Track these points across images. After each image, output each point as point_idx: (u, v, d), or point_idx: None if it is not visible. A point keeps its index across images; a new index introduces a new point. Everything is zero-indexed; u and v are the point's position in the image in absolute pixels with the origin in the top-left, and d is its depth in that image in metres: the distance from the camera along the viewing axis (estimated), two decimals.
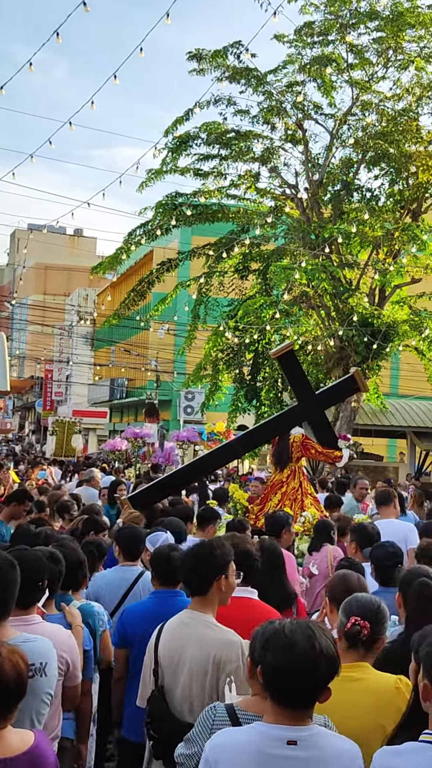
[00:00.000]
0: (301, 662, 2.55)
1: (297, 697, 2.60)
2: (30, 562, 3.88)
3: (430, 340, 20.84)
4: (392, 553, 5.20)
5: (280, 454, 9.28)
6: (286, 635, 2.60)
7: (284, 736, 2.57)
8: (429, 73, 20.71)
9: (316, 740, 2.60)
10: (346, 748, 2.69)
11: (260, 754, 2.57)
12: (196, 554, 4.01)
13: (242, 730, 2.71)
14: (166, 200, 21.85)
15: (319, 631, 2.66)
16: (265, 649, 2.62)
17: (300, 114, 20.93)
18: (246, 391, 23.31)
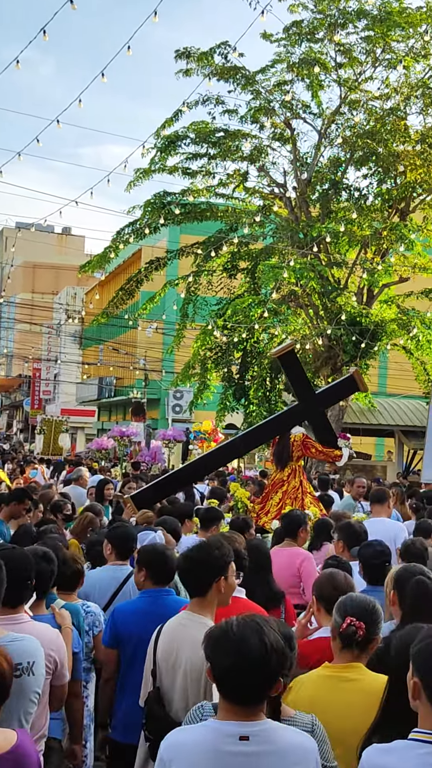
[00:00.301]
0: (252, 660, 2.56)
1: (249, 694, 2.61)
2: (17, 560, 3.87)
3: (418, 339, 20.89)
4: (380, 551, 5.21)
5: (280, 453, 9.32)
6: (234, 633, 2.61)
7: (236, 732, 2.57)
8: (417, 73, 20.76)
9: (269, 735, 2.60)
10: (300, 742, 2.70)
11: (213, 751, 2.57)
12: (194, 556, 4.00)
13: (195, 728, 2.71)
14: (155, 199, 21.82)
15: (267, 625, 2.66)
16: (215, 650, 2.63)
17: (288, 113, 20.94)
18: (234, 389, 23.31)
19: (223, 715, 2.63)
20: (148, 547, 5.16)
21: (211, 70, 19.85)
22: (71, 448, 44.23)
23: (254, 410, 22.08)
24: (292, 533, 6.69)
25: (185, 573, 4.06)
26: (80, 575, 5.25)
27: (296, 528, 6.71)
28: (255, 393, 22.28)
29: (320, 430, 9.71)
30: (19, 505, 7.98)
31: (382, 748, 2.61)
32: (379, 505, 7.99)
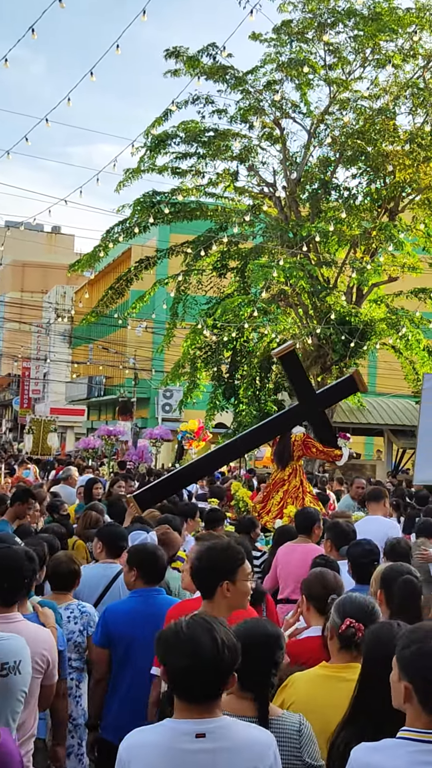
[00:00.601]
0: (205, 659, 2.57)
1: (204, 692, 2.62)
2: (11, 559, 3.87)
3: (407, 338, 20.95)
4: (369, 550, 5.22)
5: (281, 452, 9.37)
6: (185, 633, 2.62)
7: (192, 730, 2.58)
8: (406, 73, 20.82)
9: (225, 731, 2.61)
10: (258, 738, 2.70)
11: (170, 749, 2.58)
12: (201, 556, 3.97)
13: (152, 728, 2.71)
14: (144, 198, 21.80)
15: (216, 622, 2.67)
16: (167, 651, 2.63)
17: (278, 112, 20.95)
18: (224, 389, 23.32)
19: (179, 714, 2.64)
20: (139, 547, 5.14)
21: (199, 71, 19.85)
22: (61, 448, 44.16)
23: (244, 409, 22.10)
24: (307, 530, 6.75)
25: (192, 574, 4.04)
26: (76, 575, 5.24)
27: (311, 525, 6.79)
28: (244, 392, 22.30)
29: (320, 430, 9.78)
30: (23, 505, 7.97)
31: (371, 746, 2.62)
32: (375, 503, 8.03)
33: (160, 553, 4.95)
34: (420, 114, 20.70)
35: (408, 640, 2.61)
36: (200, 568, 3.94)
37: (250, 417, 21.74)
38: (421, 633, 2.61)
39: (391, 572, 4.17)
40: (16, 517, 7.89)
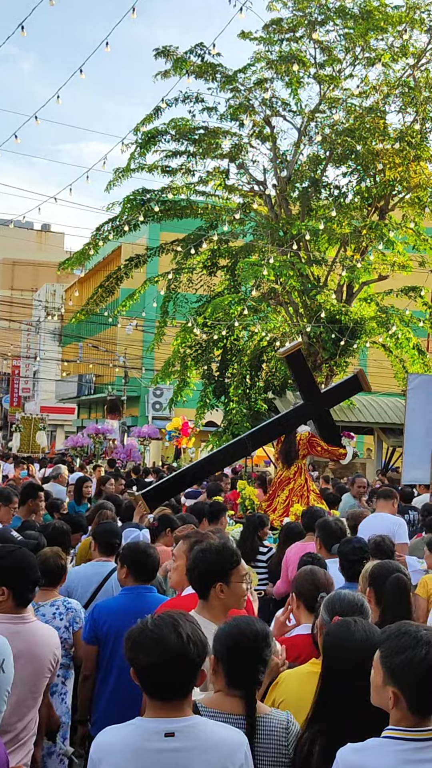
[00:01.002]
0: (171, 655, 2.57)
1: (172, 690, 2.62)
2: (26, 561, 3.89)
3: (397, 336, 20.98)
4: (359, 548, 5.24)
5: (287, 451, 9.48)
6: (152, 630, 2.62)
7: (161, 729, 2.57)
8: (396, 71, 20.84)
9: (195, 730, 2.61)
10: (228, 737, 2.69)
11: (138, 748, 2.57)
12: (196, 557, 3.97)
13: (122, 727, 2.70)
14: (134, 196, 21.75)
15: (182, 618, 2.68)
16: (134, 649, 2.63)
17: (268, 111, 20.94)
18: (214, 387, 23.31)
19: (149, 713, 2.64)
20: (131, 545, 5.15)
21: (189, 70, 19.82)
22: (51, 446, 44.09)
23: (234, 408, 22.07)
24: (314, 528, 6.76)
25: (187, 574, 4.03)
26: (62, 571, 5.24)
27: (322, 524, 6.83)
28: (235, 390, 22.28)
29: (325, 429, 9.88)
30: (35, 500, 7.96)
31: (356, 747, 2.62)
32: (384, 501, 8.12)
33: (151, 552, 4.95)
34: (410, 112, 20.73)
35: (396, 646, 2.59)
36: (194, 568, 3.95)
37: (240, 415, 21.71)
38: (409, 639, 2.59)
39: (380, 570, 4.17)
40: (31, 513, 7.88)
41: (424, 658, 2.53)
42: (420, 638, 2.58)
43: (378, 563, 4.44)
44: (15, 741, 3.73)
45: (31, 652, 3.76)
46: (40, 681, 3.87)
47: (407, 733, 2.56)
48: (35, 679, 3.82)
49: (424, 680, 2.53)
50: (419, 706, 2.56)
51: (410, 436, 12.34)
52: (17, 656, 3.67)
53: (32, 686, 3.79)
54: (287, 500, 9.18)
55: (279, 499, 9.32)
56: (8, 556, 3.81)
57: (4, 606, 3.75)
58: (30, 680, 3.76)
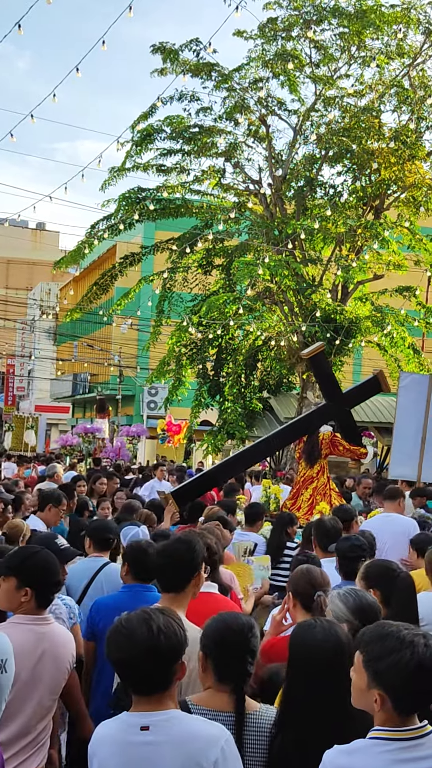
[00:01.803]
0: (140, 648, 2.62)
1: (150, 684, 2.67)
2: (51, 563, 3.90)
3: (392, 336, 21.00)
4: (357, 545, 5.25)
5: (311, 450, 9.63)
6: (124, 626, 2.67)
7: (138, 723, 2.63)
8: (391, 70, 20.85)
9: (171, 724, 2.64)
10: (204, 732, 2.70)
11: (119, 742, 2.65)
12: (174, 551, 4.00)
13: (110, 722, 2.76)
14: (130, 194, 21.72)
15: (156, 613, 2.71)
16: (109, 646, 2.69)
17: (263, 110, 20.93)
18: (209, 386, 23.32)
19: (133, 708, 2.70)
20: (133, 543, 5.20)
21: (185, 68, 19.79)
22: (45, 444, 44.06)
23: (229, 407, 22.09)
24: (346, 525, 6.92)
25: (163, 569, 4.04)
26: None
27: (350, 519, 7.07)
28: (230, 390, 22.30)
29: (346, 429, 10.02)
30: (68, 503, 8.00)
31: (344, 749, 2.62)
32: (390, 502, 8.21)
33: (151, 551, 4.96)
34: (405, 111, 20.73)
35: (381, 649, 2.58)
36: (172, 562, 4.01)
37: (236, 414, 21.74)
38: (393, 641, 2.58)
39: (384, 570, 4.14)
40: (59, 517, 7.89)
41: (410, 660, 2.52)
42: (403, 639, 2.57)
43: (376, 562, 4.43)
44: (35, 743, 3.74)
45: (53, 653, 3.78)
46: (61, 682, 3.90)
47: (394, 733, 2.56)
48: (57, 680, 3.85)
49: (410, 682, 2.53)
50: (405, 707, 2.56)
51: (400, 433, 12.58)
52: (42, 657, 3.70)
53: (54, 687, 3.82)
54: (311, 498, 9.36)
55: (303, 498, 9.47)
56: (33, 558, 3.82)
57: (26, 607, 3.77)
58: (52, 681, 3.79)
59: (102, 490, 11.40)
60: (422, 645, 2.55)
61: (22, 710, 3.65)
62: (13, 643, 3.38)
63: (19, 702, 3.63)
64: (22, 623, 3.72)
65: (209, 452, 22.89)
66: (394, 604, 3.89)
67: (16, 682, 3.58)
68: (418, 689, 2.54)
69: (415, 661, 2.52)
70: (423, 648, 2.54)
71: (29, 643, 3.67)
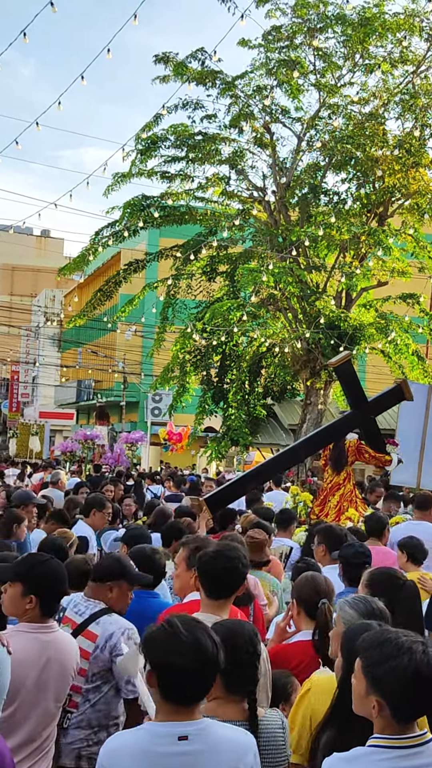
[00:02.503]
0: (208, 660, 2.59)
1: (199, 693, 2.64)
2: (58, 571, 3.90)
3: (396, 343, 20.99)
4: (361, 552, 5.24)
5: (338, 458, 9.76)
6: (185, 635, 2.61)
7: (174, 733, 2.58)
8: (395, 77, 20.88)
9: (206, 733, 2.62)
10: (238, 739, 2.71)
11: (148, 752, 2.58)
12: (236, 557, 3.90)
13: (131, 732, 2.71)
14: (134, 201, 21.77)
15: (206, 624, 2.70)
16: (168, 653, 2.61)
17: (267, 117, 20.98)
18: (213, 393, 23.32)
19: (162, 717, 2.64)
20: (136, 549, 5.18)
21: (189, 76, 19.86)
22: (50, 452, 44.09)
23: (233, 413, 22.08)
24: (379, 533, 7.00)
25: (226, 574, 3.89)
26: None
27: (382, 528, 7.08)
28: (234, 396, 22.30)
29: (371, 437, 10.14)
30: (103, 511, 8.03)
31: (343, 756, 2.62)
32: (420, 512, 8.33)
33: (156, 557, 4.96)
34: (409, 119, 20.76)
35: (379, 655, 2.59)
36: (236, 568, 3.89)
37: (239, 421, 21.73)
38: (391, 647, 2.58)
39: (387, 578, 4.11)
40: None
41: (408, 666, 2.52)
42: (401, 645, 2.57)
43: (380, 569, 4.42)
44: (40, 750, 3.74)
45: (58, 660, 3.78)
46: (66, 689, 3.90)
47: (393, 741, 2.56)
48: (61, 687, 3.84)
49: (408, 689, 2.52)
50: (403, 714, 2.56)
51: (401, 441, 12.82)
52: (47, 665, 3.70)
53: (58, 694, 3.82)
54: (338, 505, 9.50)
55: (330, 504, 9.62)
56: (41, 566, 3.83)
57: (31, 614, 3.77)
58: (57, 689, 3.78)
59: (109, 498, 11.43)
60: (420, 652, 2.54)
61: (28, 717, 3.65)
62: (17, 651, 3.38)
63: (25, 709, 3.63)
64: (26, 631, 3.72)
65: (213, 459, 22.89)
66: (399, 612, 3.85)
67: (22, 689, 3.58)
68: (415, 696, 2.53)
69: (413, 667, 2.52)
70: (421, 655, 2.54)
71: (34, 651, 3.67)
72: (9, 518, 7.36)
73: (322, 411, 21.50)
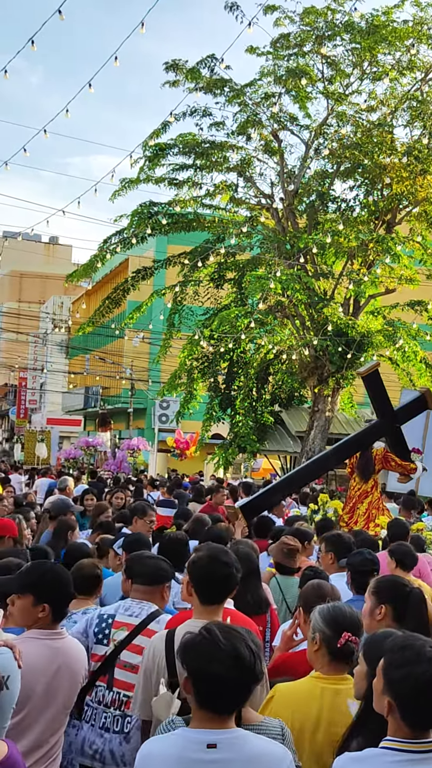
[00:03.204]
0: (246, 668, 2.59)
1: (235, 702, 2.64)
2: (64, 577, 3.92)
3: (404, 350, 20.95)
4: (369, 560, 5.23)
5: (365, 466, 9.98)
6: (224, 644, 2.61)
7: (204, 740, 2.59)
8: (403, 85, 20.89)
9: (238, 742, 2.62)
10: (271, 750, 2.70)
11: (180, 759, 2.59)
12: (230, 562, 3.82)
13: (165, 738, 2.72)
14: (142, 208, 21.83)
15: (243, 631, 2.69)
16: (208, 660, 2.61)
17: (276, 125, 21.01)
18: (220, 399, 23.31)
19: (195, 724, 2.65)
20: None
21: (197, 84, 19.91)
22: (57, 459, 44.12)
23: (240, 420, 22.08)
24: (402, 538, 7.07)
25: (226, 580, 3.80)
26: (99, 581, 5.27)
27: (405, 533, 7.24)
28: (241, 403, 22.29)
29: (397, 445, 10.35)
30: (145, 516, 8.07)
31: (355, 756, 2.64)
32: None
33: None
34: (417, 126, 20.77)
35: (400, 659, 2.61)
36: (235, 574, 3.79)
37: (247, 428, 21.71)
38: (412, 654, 2.60)
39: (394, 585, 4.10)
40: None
41: (423, 674, 2.53)
42: (423, 654, 2.58)
43: (386, 577, 4.40)
44: (48, 756, 3.73)
45: (69, 667, 3.79)
46: (74, 695, 3.91)
47: (404, 745, 2.58)
48: (70, 694, 3.85)
49: (419, 696, 2.54)
50: (411, 719, 2.57)
51: None
52: (58, 672, 3.71)
53: (67, 700, 3.83)
54: (367, 513, 9.69)
55: (359, 512, 9.78)
56: (49, 573, 3.85)
57: (43, 622, 3.78)
58: (66, 695, 3.79)
59: (119, 504, 11.47)
60: None
61: (37, 723, 3.65)
62: (28, 657, 3.38)
63: (34, 715, 3.63)
64: (37, 638, 3.72)
65: (220, 466, 22.87)
66: (409, 620, 3.84)
67: (32, 696, 3.58)
68: (425, 705, 2.55)
69: (427, 676, 2.53)
70: None
71: (44, 658, 3.67)
72: (63, 526, 7.64)
73: (330, 418, 21.47)
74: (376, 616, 3.91)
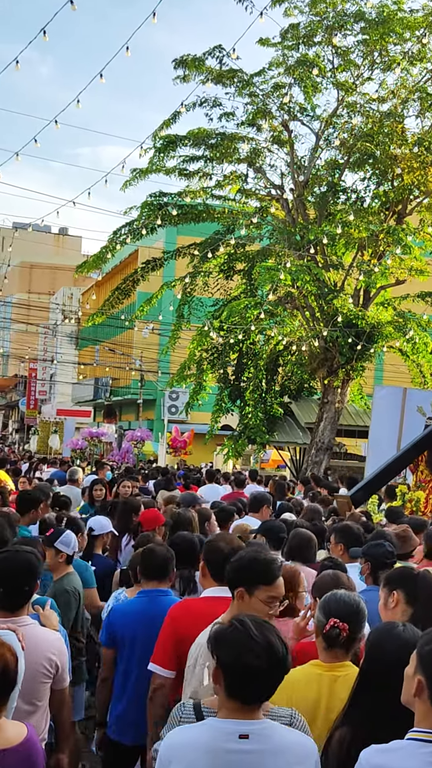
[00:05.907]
0: (278, 660, 2.61)
1: (266, 693, 2.66)
2: (20, 562, 3.89)
3: (414, 341, 20.91)
4: (391, 552, 5.27)
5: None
6: (258, 636, 2.62)
7: (236, 730, 2.60)
8: (414, 76, 20.78)
9: (269, 733, 2.64)
10: (301, 742, 2.72)
11: (211, 749, 2.60)
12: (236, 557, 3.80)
13: (194, 727, 2.73)
14: (152, 200, 21.81)
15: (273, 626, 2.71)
16: (243, 652, 2.62)
17: (286, 115, 20.95)
18: (230, 391, 23.32)
19: (225, 714, 2.66)
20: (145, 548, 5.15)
21: (207, 75, 19.84)
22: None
23: (250, 412, 22.09)
24: None
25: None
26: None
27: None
28: (251, 394, 22.29)
29: None
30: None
31: (381, 748, 2.62)
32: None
33: (158, 550, 4.94)
34: (428, 117, 20.66)
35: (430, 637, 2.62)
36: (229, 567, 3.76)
37: (256, 419, 21.73)
38: None
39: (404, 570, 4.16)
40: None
41: None
42: None
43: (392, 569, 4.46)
44: None
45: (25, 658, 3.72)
46: (38, 688, 3.83)
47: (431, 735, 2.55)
48: (32, 687, 3.77)
49: None
50: None
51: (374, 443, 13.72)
52: None
53: (28, 694, 3.73)
54: None
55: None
56: (5, 560, 3.85)
57: None
58: (26, 688, 3.63)
59: (127, 493, 11.43)
60: None
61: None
62: None
63: None
64: None
65: (230, 457, 22.91)
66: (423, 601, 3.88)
67: None
68: None
69: None
70: None
71: None
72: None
73: (339, 409, 21.45)
74: (390, 605, 3.93)
